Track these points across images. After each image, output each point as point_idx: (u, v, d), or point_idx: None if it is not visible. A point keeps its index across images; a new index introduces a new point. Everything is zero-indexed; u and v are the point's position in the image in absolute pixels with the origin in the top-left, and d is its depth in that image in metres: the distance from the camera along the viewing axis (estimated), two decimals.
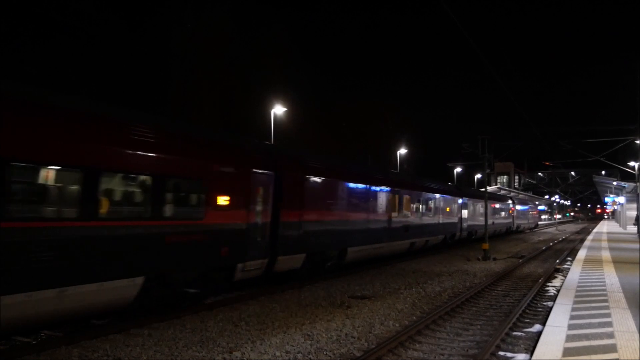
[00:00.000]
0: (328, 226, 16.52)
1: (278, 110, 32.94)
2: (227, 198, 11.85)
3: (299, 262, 15.06)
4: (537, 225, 71.71)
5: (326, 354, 8.62)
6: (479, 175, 75.92)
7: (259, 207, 13.03)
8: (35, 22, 30.49)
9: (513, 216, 50.41)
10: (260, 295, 13.33)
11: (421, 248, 25.79)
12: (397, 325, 10.73)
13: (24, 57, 29.21)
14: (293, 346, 8.93)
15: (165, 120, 11.87)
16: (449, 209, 29.94)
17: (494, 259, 24.66)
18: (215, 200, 11.56)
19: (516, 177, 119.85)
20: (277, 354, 8.51)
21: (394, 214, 21.67)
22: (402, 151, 58.61)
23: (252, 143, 14.39)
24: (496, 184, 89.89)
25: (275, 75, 44.34)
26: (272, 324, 10.49)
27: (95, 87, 32.08)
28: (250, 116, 40.89)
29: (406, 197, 23.18)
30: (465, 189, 38.06)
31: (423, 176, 36.68)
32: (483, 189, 33.99)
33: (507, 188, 72.23)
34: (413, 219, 24.07)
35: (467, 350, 9.02)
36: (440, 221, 28.29)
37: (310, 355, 8.49)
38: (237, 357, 8.32)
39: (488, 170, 29.74)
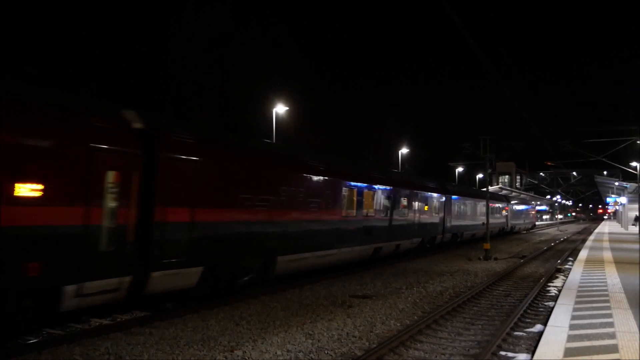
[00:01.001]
0: (243, 228, 12.49)
1: (280, 109, 32.82)
2: (40, 187, 8.22)
3: (191, 278, 11.19)
4: (534, 226, 69.15)
5: (327, 353, 8.62)
6: (480, 175, 75.97)
7: (112, 202, 9.41)
8: (35, 22, 30.58)
9: (507, 216, 48.16)
10: (261, 295, 13.32)
11: (390, 254, 21.88)
12: (398, 324, 10.73)
13: (24, 57, 29.31)
14: (294, 345, 8.93)
15: None
16: (428, 208, 26.14)
17: (495, 258, 24.64)
18: (11, 189, 7.88)
19: (518, 177, 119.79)
20: (279, 352, 8.51)
21: (351, 212, 17.86)
22: (404, 151, 58.62)
23: (101, 108, 10.26)
24: (498, 184, 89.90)
25: (276, 75, 44.55)
26: (273, 323, 10.49)
27: (96, 87, 32.20)
28: (251, 116, 41.02)
29: (369, 192, 19.33)
30: (450, 185, 35.36)
31: (412, 174, 36.14)
32: (482, 189, 33.85)
33: (508, 188, 72.12)
34: (378, 219, 20.07)
35: (469, 350, 9.02)
36: (416, 221, 24.32)
37: (312, 354, 8.49)
38: (238, 355, 8.32)
39: (490, 170, 29.64)
